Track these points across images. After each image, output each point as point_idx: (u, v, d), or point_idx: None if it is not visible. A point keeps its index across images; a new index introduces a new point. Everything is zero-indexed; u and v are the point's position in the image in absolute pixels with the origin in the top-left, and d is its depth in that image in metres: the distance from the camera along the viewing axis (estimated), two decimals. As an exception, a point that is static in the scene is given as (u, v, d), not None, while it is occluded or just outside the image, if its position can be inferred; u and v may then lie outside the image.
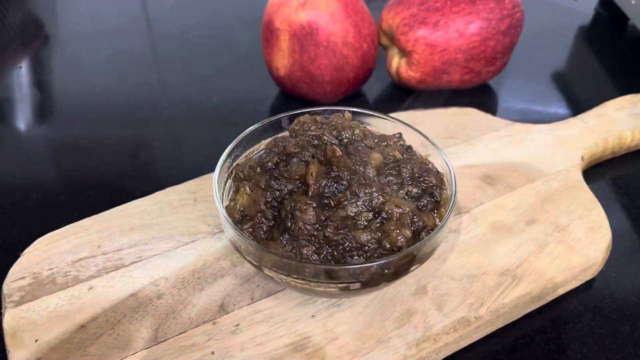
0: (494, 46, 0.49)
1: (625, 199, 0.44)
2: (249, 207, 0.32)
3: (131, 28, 0.69)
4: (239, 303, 0.34)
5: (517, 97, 0.56)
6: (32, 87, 0.58)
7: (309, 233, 0.30)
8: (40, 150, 0.49)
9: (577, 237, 0.37)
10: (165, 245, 0.37)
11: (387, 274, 0.29)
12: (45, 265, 0.36)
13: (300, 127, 0.35)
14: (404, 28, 0.49)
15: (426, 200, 0.33)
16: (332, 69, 0.48)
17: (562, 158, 0.44)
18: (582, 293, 0.37)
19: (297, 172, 0.32)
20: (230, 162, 0.36)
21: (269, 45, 0.49)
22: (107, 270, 0.35)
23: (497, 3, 0.49)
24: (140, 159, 0.48)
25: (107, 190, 0.45)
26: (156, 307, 0.33)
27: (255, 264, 0.30)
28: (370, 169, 0.32)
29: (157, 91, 0.57)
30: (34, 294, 0.34)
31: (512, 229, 0.38)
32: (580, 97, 0.56)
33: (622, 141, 0.46)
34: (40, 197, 0.44)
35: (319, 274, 0.29)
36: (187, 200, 0.40)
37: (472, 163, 0.43)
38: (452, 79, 0.51)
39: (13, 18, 0.71)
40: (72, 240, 0.37)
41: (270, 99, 0.55)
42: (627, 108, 0.49)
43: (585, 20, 0.69)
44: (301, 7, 0.46)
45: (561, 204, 0.40)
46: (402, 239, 0.29)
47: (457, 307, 0.33)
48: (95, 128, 0.52)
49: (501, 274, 0.35)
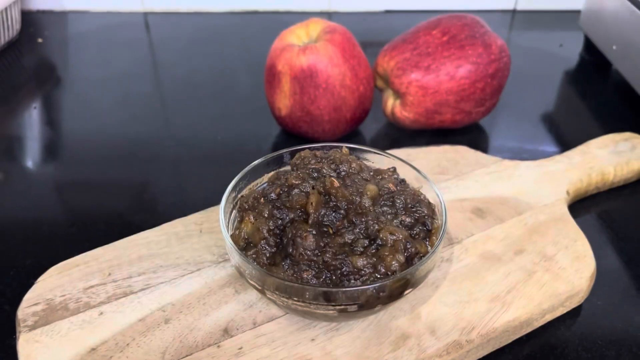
0: (482, 88, 0.52)
1: (609, 231, 0.46)
2: (252, 235, 0.34)
3: (139, 71, 0.72)
4: (242, 327, 0.35)
5: (507, 136, 0.59)
6: (45, 126, 0.61)
7: (309, 258, 0.32)
8: (51, 186, 0.52)
9: (563, 266, 0.39)
10: (172, 274, 0.39)
11: (382, 297, 0.31)
12: (58, 292, 0.38)
13: (301, 161, 0.37)
14: (397, 71, 0.52)
15: (418, 229, 0.35)
16: (331, 109, 0.51)
17: (549, 192, 0.46)
18: (570, 320, 0.39)
19: (298, 201, 0.34)
20: (235, 194, 0.38)
21: (271, 87, 0.53)
22: (116, 296, 0.37)
23: (485, 48, 0.52)
24: (148, 195, 0.50)
25: (117, 223, 0.47)
26: (163, 331, 0.35)
27: (259, 287, 0.32)
28: (366, 199, 0.34)
29: (164, 131, 0.60)
30: (47, 318, 0.36)
31: (501, 258, 0.40)
32: (566, 136, 0.58)
33: (605, 177, 0.48)
34: (52, 230, 0.46)
35: (318, 297, 0.31)
36: (193, 231, 0.42)
37: (463, 197, 0.46)
38: (444, 119, 0.54)
39: (27, 61, 0.75)
40: (84, 269, 0.39)
41: (272, 138, 0.58)
42: (610, 146, 0.51)
43: (571, 65, 0.73)
44: (302, 52, 0.50)
45: (548, 235, 0.42)
46: (396, 264, 0.31)
47: (450, 331, 0.35)
48: (105, 165, 0.54)
49: (491, 300, 0.37)
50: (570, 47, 0.77)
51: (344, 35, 0.51)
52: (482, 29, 0.53)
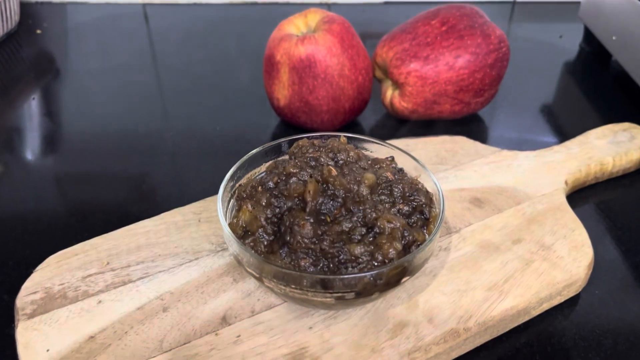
0: (481, 78, 0.52)
1: (607, 221, 0.46)
2: (250, 223, 0.34)
3: (138, 63, 0.72)
4: (240, 316, 0.35)
5: (506, 126, 0.58)
6: (44, 117, 0.61)
7: (306, 246, 0.32)
8: (50, 178, 0.52)
9: (561, 255, 0.39)
10: (171, 262, 0.39)
11: (380, 285, 0.31)
12: (56, 281, 0.38)
13: (299, 150, 0.37)
14: (396, 62, 0.52)
15: (416, 218, 0.35)
16: (329, 100, 0.51)
17: (547, 182, 0.46)
18: (567, 309, 0.39)
19: (295, 190, 0.34)
20: (233, 183, 0.38)
21: (270, 78, 0.52)
22: (115, 285, 0.37)
23: (484, 38, 0.52)
24: (146, 186, 0.51)
25: (115, 213, 0.47)
26: (162, 320, 0.35)
27: (257, 275, 0.32)
28: (363, 187, 0.34)
29: (163, 122, 0.60)
30: (45, 307, 0.36)
31: (499, 247, 0.40)
32: (565, 127, 0.58)
33: (603, 167, 0.48)
34: (51, 221, 0.46)
35: (316, 284, 0.31)
36: (192, 220, 0.43)
37: (461, 187, 0.46)
38: (442, 110, 0.54)
39: (26, 53, 0.75)
40: (82, 258, 0.39)
41: (271, 129, 0.58)
42: (609, 136, 0.51)
43: (571, 56, 0.73)
44: (300, 42, 0.49)
45: (546, 225, 0.42)
46: (394, 252, 0.31)
47: (447, 319, 0.35)
48: (104, 156, 0.54)
49: (489, 289, 0.37)
50: (570, 38, 0.77)
51: (342, 25, 0.51)
52: (481, 19, 0.53)
